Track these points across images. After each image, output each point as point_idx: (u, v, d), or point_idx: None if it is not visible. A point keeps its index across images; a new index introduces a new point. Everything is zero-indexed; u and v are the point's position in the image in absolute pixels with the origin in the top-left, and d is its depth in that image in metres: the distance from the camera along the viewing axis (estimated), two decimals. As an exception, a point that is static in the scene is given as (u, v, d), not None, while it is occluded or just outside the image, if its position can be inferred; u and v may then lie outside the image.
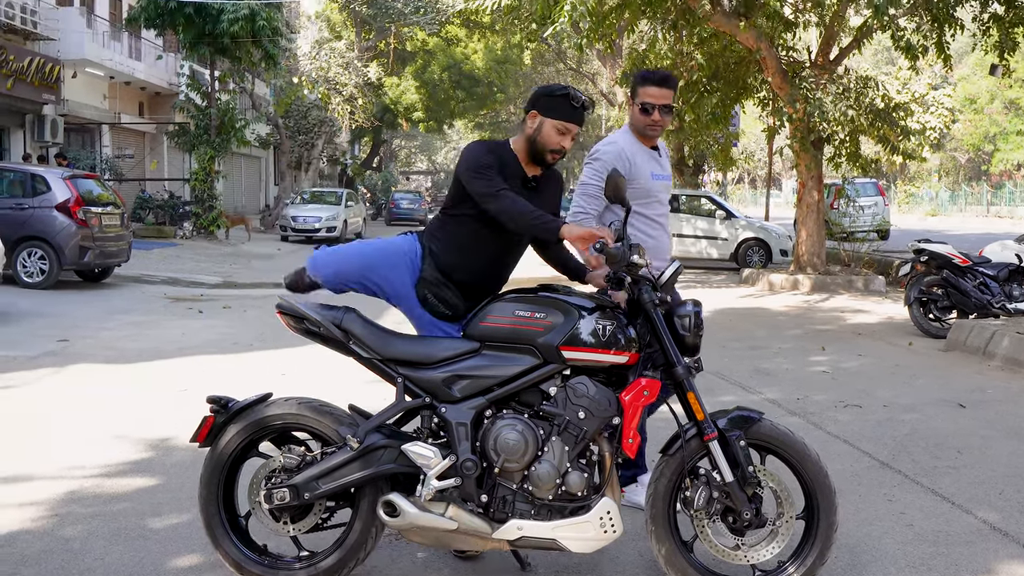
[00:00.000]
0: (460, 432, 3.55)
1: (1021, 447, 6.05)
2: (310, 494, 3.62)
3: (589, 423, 3.49)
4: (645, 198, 4.61)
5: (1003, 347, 9.02)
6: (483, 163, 3.69)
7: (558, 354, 3.52)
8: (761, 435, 3.62)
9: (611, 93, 36.47)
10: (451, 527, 3.52)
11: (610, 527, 3.48)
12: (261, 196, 43.97)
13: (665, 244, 4.79)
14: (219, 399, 3.73)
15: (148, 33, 28.36)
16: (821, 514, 3.63)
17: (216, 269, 18.14)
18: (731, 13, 16.03)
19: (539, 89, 3.90)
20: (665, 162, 4.84)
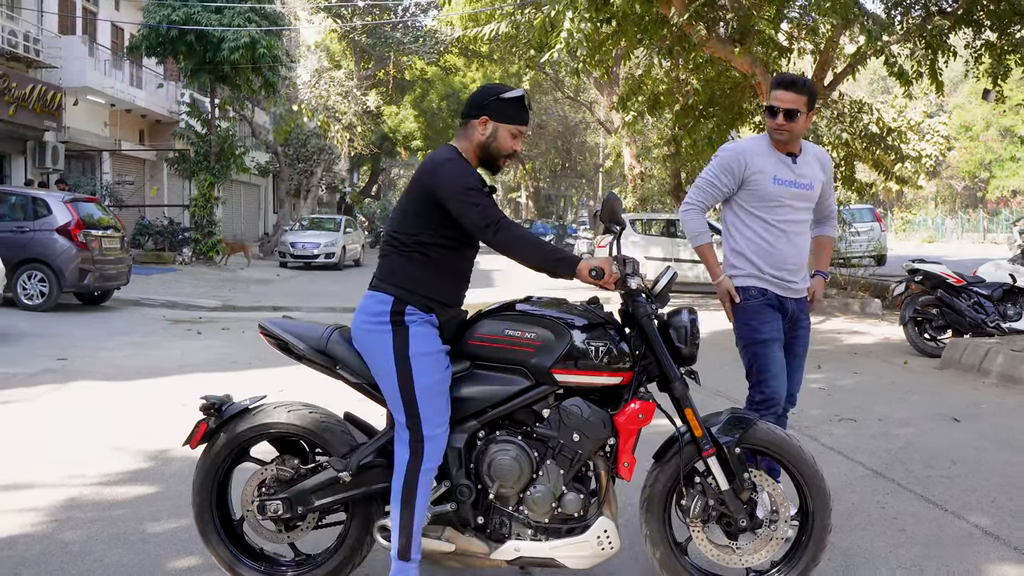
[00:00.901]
0: (454, 457, 3.52)
1: (1014, 458, 6.10)
2: (303, 507, 3.63)
3: (584, 445, 3.48)
4: (765, 201, 4.49)
5: (998, 364, 9.07)
6: (471, 185, 3.41)
7: (550, 376, 3.48)
8: (757, 439, 3.63)
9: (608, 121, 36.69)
10: (448, 549, 3.53)
11: (607, 544, 3.49)
12: (260, 224, 44.08)
13: (787, 253, 4.52)
14: (213, 404, 3.72)
15: (149, 61, 28.58)
16: (815, 516, 3.66)
17: (215, 293, 18.19)
18: (726, 39, 16.18)
19: (486, 93, 3.60)
20: (806, 169, 4.56)
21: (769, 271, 4.49)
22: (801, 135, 4.53)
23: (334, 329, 3.69)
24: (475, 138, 3.56)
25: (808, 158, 4.60)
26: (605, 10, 14.20)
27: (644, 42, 16.98)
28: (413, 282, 3.45)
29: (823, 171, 4.65)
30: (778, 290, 4.51)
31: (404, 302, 3.43)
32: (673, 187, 24.71)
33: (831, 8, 13.73)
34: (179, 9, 23.51)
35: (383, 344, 3.41)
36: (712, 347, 10.79)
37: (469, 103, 3.61)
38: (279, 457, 3.77)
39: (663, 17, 15.45)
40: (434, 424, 3.37)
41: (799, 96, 4.41)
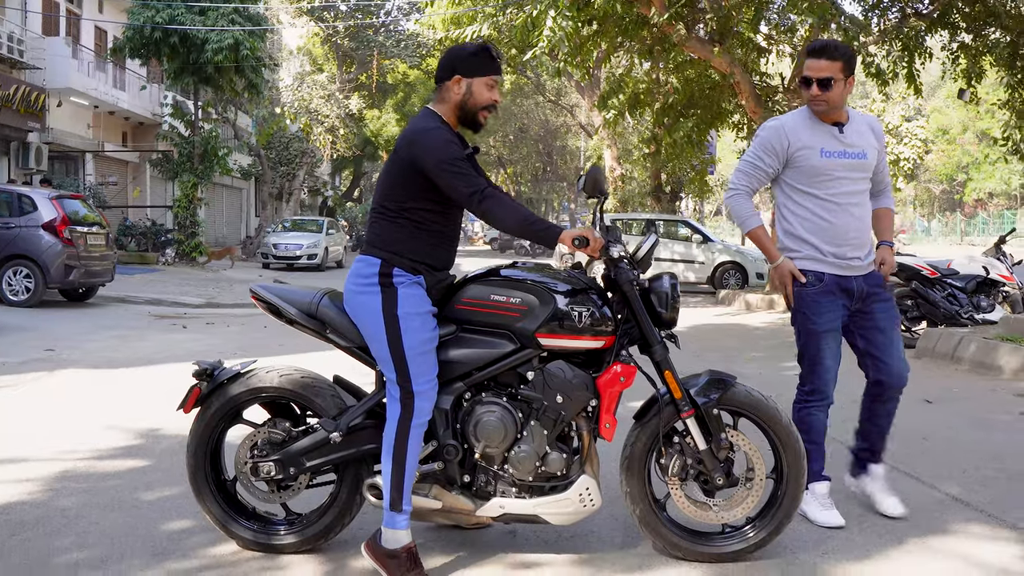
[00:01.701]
0: (441, 418, 3.65)
1: (985, 435, 6.28)
2: (295, 468, 3.75)
3: (567, 407, 3.62)
4: (814, 176, 4.31)
5: (970, 352, 9.27)
6: (454, 154, 3.50)
7: (535, 340, 3.61)
8: (735, 400, 3.78)
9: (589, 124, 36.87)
10: (435, 506, 3.66)
11: (589, 502, 3.63)
12: (243, 227, 44.06)
13: (846, 227, 4.31)
14: (205, 369, 3.83)
15: (132, 63, 28.56)
16: (790, 474, 3.81)
17: (199, 292, 18.24)
18: (706, 40, 16.42)
19: (452, 53, 3.67)
20: (856, 137, 4.34)
21: (829, 249, 4.31)
22: (841, 103, 4.31)
23: (324, 294, 3.81)
24: (452, 99, 3.63)
25: (857, 126, 4.38)
26: (586, 10, 14.40)
27: (625, 43, 17.18)
28: (400, 245, 3.58)
29: (876, 138, 4.42)
30: (839, 271, 4.32)
31: (392, 264, 3.55)
32: (653, 188, 24.93)
33: (808, 8, 13.96)
34: (163, 11, 23.56)
35: (373, 305, 3.54)
36: (688, 339, 11.02)
37: (439, 67, 3.67)
38: (271, 420, 3.89)
39: (643, 17, 15.67)
40: (423, 381, 3.50)
41: (832, 62, 4.22)
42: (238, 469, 3.86)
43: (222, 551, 3.89)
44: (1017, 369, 8.63)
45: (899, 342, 4.43)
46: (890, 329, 4.39)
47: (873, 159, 4.37)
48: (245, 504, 3.99)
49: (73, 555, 3.82)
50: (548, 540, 4.06)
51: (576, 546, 4.00)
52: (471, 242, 68.63)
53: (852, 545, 4.06)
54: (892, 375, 4.37)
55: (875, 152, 4.38)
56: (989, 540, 4.15)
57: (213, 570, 3.68)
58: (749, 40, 16.71)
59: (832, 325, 4.35)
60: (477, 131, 3.76)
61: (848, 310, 4.38)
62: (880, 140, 4.46)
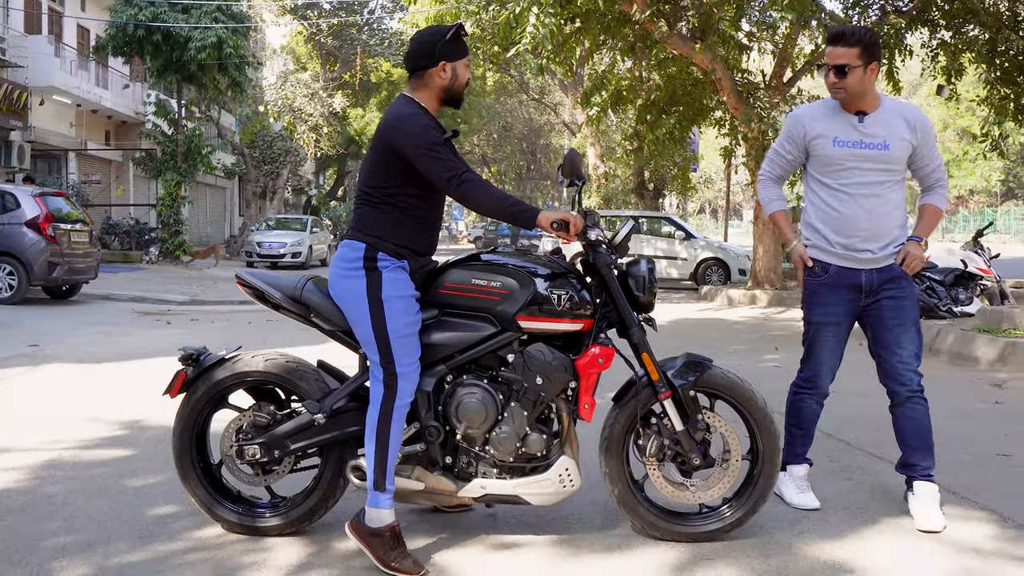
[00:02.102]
0: (423, 400, 3.72)
1: (958, 422, 6.38)
2: (280, 451, 3.81)
3: (546, 388, 3.69)
4: (828, 165, 4.26)
5: (948, 343, 9.39)
6: (434, 140, 3.55)
7: (515, 323, 3.69)
8: (711, 382, 3.87)
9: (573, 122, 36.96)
10: (418, 487, 3.72)
11: (569, 482, 3.70)
12: (226, 226, 43.98)
13: (855, 218, 4.23)
14: (191, 354, 3.89)
15: (115, 62, 28.53)
16: (765, 455, 3.89)
17: (183, 289, 18.25)
18: (687, 37, 16.51)
19: (431, 40, 3.67)
20: (878, 128, 4.20)
21: (837, 240, 4.26)
22: (862, 91, 4.17)
23: (308, 279, 3.87)
24: (437, 84, 3.69)
25: (886, 116, 4.23)
26: (569, 8, 14.47)
27: (607, 40, 17.27)
28: (384, 230, 3.63)
29: (909, 129, 4.22)
30: (846, 263, 4.27)
31: (376, 248, 3.61)
32: (637, 185, 25.04)
33: (788, 5, 14.06)
34: (145, 8, 23.53)
35: (357, 289, 3.60)
36: (668, 334, 11.11)
37: (419, 55, 3.67)
38: (256, 404, 3.94)
39: (625, 15, 15.75)
40: (406, 363, 3.57)
41: (848, 49, 4.12)
42: (223, 452, 3.91)
43: (207, 534, 3.94)
44: (993, 360, 8.75)
45: (906, 342, 4.29)
46: (899, 328, 4.27)
47: (899, 151, 4.21)
48: (230, 488, 4.05)
49: (60, 539, 3.86)
50: (529, 522, 4.13)
51: (556, 528, 4.06)
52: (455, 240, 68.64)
53: (827, 526, 4.14)
54: (888, 376, 4.39)
55: (903, 144, 4.21)
56: (961, 520, 4.24)
57: (198, 552, 3.74)
58: (730, 37, 16.85)
59: (830, 319, 4.34)
60: (459, 108, 3.85)
61: (858, 304, 4.32)
62: (918, 132, 4.24)
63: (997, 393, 7.47)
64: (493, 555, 3.76)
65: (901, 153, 4.21)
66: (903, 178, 4.32)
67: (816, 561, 3.71)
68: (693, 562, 3.68)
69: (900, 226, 4.30)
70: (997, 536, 4.02)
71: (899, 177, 4.28)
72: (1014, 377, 8.18)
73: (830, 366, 4.44)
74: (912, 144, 4.23)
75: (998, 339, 8.90)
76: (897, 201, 4.28)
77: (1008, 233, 48.96)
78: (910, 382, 4.33)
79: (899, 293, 4.27)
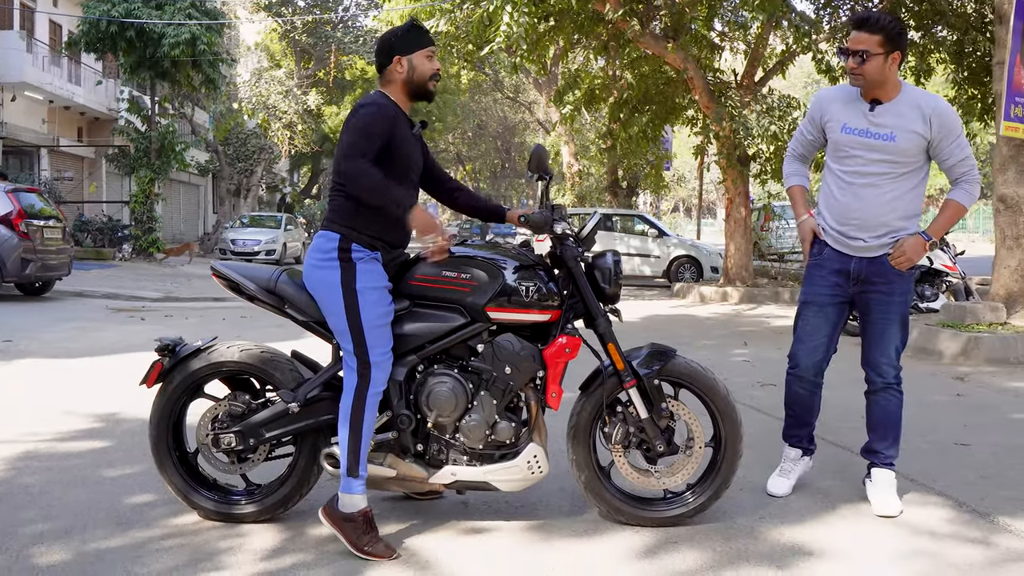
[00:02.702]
0: (395, 389, 3.81)
1: (921, 413, 6.52)
2: (255, 439, 3.90)
3: (515, 377, 3.79)
4: (835, 152, 4.34)
5: (913, 338, 9.56)
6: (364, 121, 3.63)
7: (484, 314, 3.80)
8: (675, 371, 3.98)
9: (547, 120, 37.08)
10: (390, 474, 3.82)
11: (537, 469, 3.81)
12: (200, 224, 43.85)
13: (849, 208, 4.28)
14: (167, 345, 3.97)
15: (88, 58, 28.40)
16: (727, 442, 4.01)
17: (156, 286, 18.24)
18: (660, 36, 16.66)
19: (384, 38, 3.83)
20: (889, 118, 4.18)
21: (832, 224, 4.35)
22: (881, 79, 4.14)
23: (282, 271, 3.96)
24: (398, 79, 3.80)
25: (902, 107, 4.19)
26: (542, 6, 14.58)
27: (580, 39, 17.39)
28: (358, 221, 3.72)
29: (924, 123, 4.15)
30: (839, 247, 4.34)
31: (350, 240, 3.70)
32: (610, 183, 25.19)
33: (760, 6, 14.24)
34: (119, 4, 23.44)
35: (332, 279, 3.69)
36: (640, 329, 11.23)
37: (377, 55, 3.83)
38: (231, 393, 4.02)
39: (599, 14, 15.89)
40: (379, 352, 3.66)
41: (870, 35, 4.09)
42: (199, 441, 3.98)
43: (184, 521, 4.01)
44: (956, 354, 8.94)
45: (889, 337, 4.37)
46: (878, 322, 4.34)
47: (906, 143, 4.17)
48: (206, 476, 4.13)
49: (39, 526, 3.93)
50: (499, 509, 4.24)
51: (526, 514, 4.17)
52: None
53: (788, 511, 4.27)
54: (868, 364, 4.48)
55: (912, 136, 4.16)
56: (919, 505, 4.38)
57: (175, 538, 3.81)
58: (703, 37, 17.00)
59: (815, 299, 4.42)
60: (431, 100, 3.93)
61: (846, 290, 4.36)
62: (934, 126, 4.16)
63: (959, 386, 7.65)
64: (464, 540, 3.86)
65: (909, 145, 4.17)
66: (915, 170, 4.25)
67: (776, 544, 3.83)
68: (658, 546, 3.80)
69: (904, 218, 4.25)
70: (952, 520, 4.16)
71: (906, 169, 4.22)
72: (976, 371, 8.38)
73: (808, 347, 4.49)
74: (925, 138, 4.17)
75: (961, 334, 9.10)
76: (899, 193, 4.23)
77: (977, 232, 49.45)
78: (886, 374, 4.44)
79: (887, 288, 4.29)
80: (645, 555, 3.71)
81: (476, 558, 3.65)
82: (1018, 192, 9.87)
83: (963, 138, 4.26)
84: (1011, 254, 10.04)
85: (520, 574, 3.51)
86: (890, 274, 4.27)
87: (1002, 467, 5.06)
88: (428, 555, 3.66)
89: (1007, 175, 9.96)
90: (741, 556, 3.69)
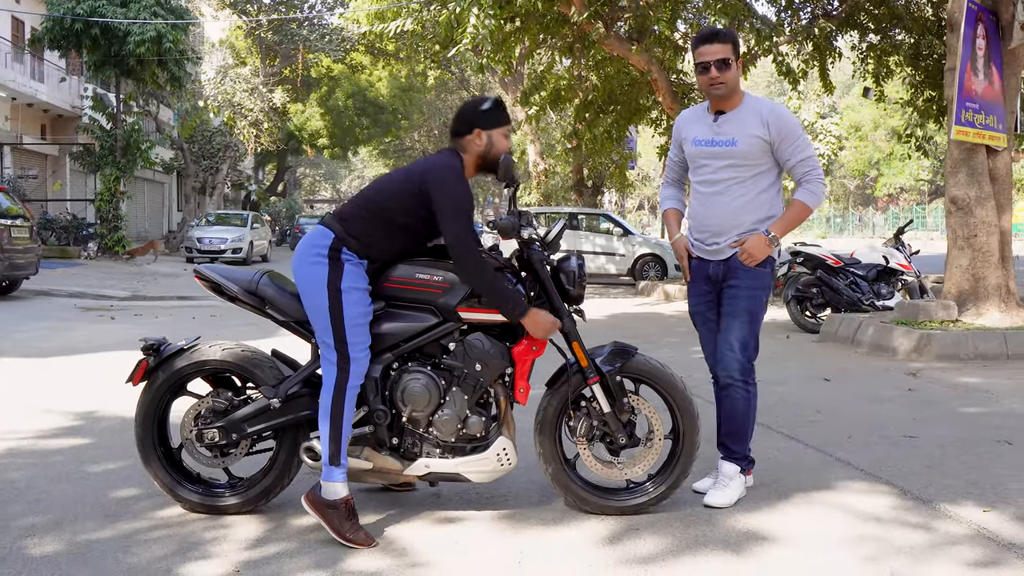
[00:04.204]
0: (371, 385, 4.01)
1: (873, 408, 6.80)
2: (237, 434, 4.08)
3: (485, 374, 4.01)
4: (692, 164, 4.58)
5: (868, 335, 9.89)
6: (467, 207, 3.89)
7: (455, 314, 4.01)
8: (636, 368, 4.21)
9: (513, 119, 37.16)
10: (367, 467, 4.03)
11: (506, 461, 4.03)
12: (164, 221, 43.70)
13: (703, 216, 4.52)
14: (152, 344, 4.14)
15: (51, 55, 28.27)
16: (685, 435, 4.25)
17: (124, 285, 18.28)
18: (624, 38, 16.91)
19: (469, 109, 4.07)
20: (730, 126, 4.41)
21: (694, 235, 4.57)
22: (735, 84, 4.40)
23: (263, 273, 4.16)
24: (474, 151, 4.04)
25: (743, 114, 4.43)
26: (509, 8, 14.77)
27: (546, 40, 17.61)
28: (362, 234, 3.96)
29: (763, 126, 4.38)
30: (701, 254, 4.56)
31: (343, 242, 3.93)
32: (576, 182, 25.42)
33: (722, 9, 14.53)
34: (83, 2, 23.37)
35: (319, 276, 3.90)
36: (605, 327, 11.44)
37: (458, 121, 4.07)
38: (214, 391, 4.21)
39: (564, 16, 16.11)
40: (358, 348, 3.88)
41: (723, 45, 4.35)
42: (184, 437, 4.15)
43: (169, 513, 4.19)
44: (909, 350, 9.25)
45: (733, 330, 4.47)
46: (728, 316, 4.48)
47: (747, 147, 4.38)
48: (190, 470, 4.31)
49: (28, 520, 4.09)
50: (470, 499, 4.45)
51: (496, 504, 4.38)
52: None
53: (743, 500, 4.49)
54: (715, 359, 4.59)
55: (754, 140, 4.37)
56: (867, 494, 4.63)
57: (162, 530, 3.99)
58: (666, 39, 17.25)
59: (696, 310, 4.64)
60: (496, 175, 4.10)
61: (715, 294, 4.56)
62: (772, 129, 4.37)
63: (911, 381, 7.93)
64: (438, 528, 4.06)
65: (750, 149, 4.38)
66: (762, 173, 4.45)
67: (732, 530, 4.07)
68: (622, 532, 4.02)
69: (760, 220, 4.45)
70: (896, 507, 4.41)
71: (751, 173, 4.42)
72: (928, 367, 8.67)
73: (709, 352, 4.68)
74: (765, 140, 4.38)
75: (914, 331, 9.41)
76: (750, 197, 4.43)
77: (936, 230, 50.30)
78: (729, 368, 4.50)
79: (736, 283, 4.45)
80: (609, 541, 3.93)
81: (450, 545, 3.86)
82: (968, 194, 10.20)
83: (803, 140, 4.47)
84: (962, 254, 10.36)
85: (492, 560, 3.72)
86: (739, 271, 4.45)
87: (946, 457, 5.32)
88: (404, 543, 3.87)
89: (958, 177, 10.29)
90: (700, 541, 3.92)
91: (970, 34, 10.05)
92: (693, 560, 3.72)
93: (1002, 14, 10.47)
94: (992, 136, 10.35)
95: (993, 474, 4.96)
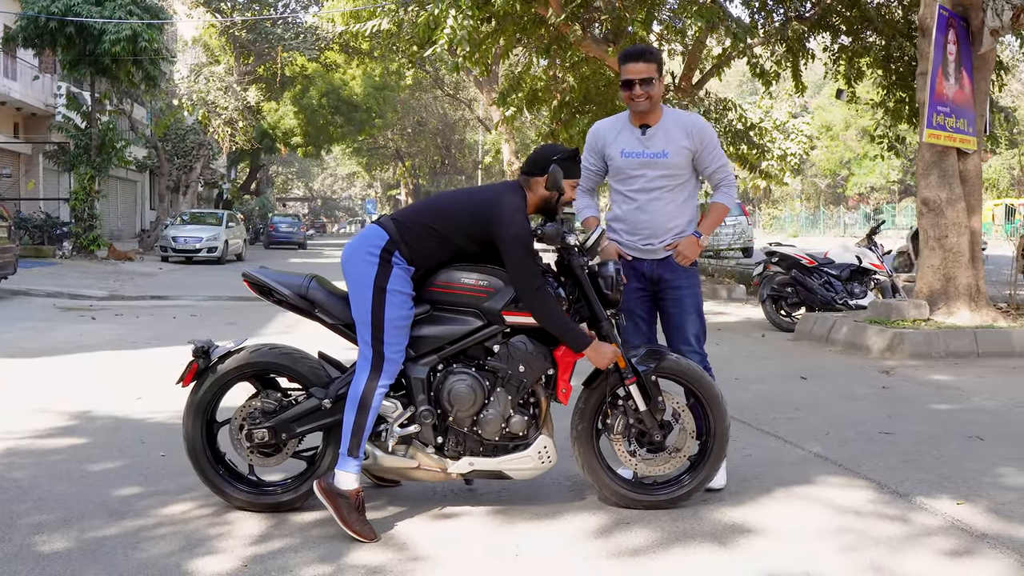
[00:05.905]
0: (417, 386, 4.18)
1: (849, 405, 7.00)
2: (287, 434, 4.22)
3: (528, 375, 4.18)
4: (618, 175, 4.83)
5: (842, 334, 10.11)
6: (531, 243, 4.05)
7: (500, 317, 4.17)
8: (669, 368, 4.41)
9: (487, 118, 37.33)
10: (412, 465, 4.18)
11: (547, 458, 4.22)
12: (137, 220, 43.52)
13: (638, 222, 4.77)
14: (201, 346, 4.24)
15: (25, 53, 28.10)
16: (716, 431, 4.42)
17: (101, 284, 18.27)
18: (600, 39, 17.07)
19: (547, 154, 4.20)
20: (658, 139, 4.70)
21: (625, 237, 4.83)
22: (658, 100, 4.70)
23: (311, 278, 4.30)
24: (540, 193, 4.20)
25: (667, 126, 4.73)
26: (486, 9, 14.89)
27: (523, 41, 17.73)
28: (415, 244, 4.12)
29: (688, 137, 4.71)
30: (634, 253, 4.80)
31: (396, 245, 4.10)
32: (552, 182, 25.56)
33: (698, 12, 14.71)
34: (58, 0, 23.26)
35: (367, 273, 4.07)
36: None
37: (532, 163, 4.23)
38: (263, 391, 4.33)
39: (541, 17, 16.24)
40: (394, 349, 4.06)
41: (648, 64, 4.60)
42: (232, 437, 4.28)
43: (173, 511, 4.31)
44: (883, 348, 9.47)
45: (687, 327, 4.81)
46: (676, 313, 4.82)
47: (678, 158, 4.71)
48: (241, 472, 4.40)
49: (36, 518, 4.20)
50: (465, 496, 4.60)
51: (490, 500, 4.54)
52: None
53: (728, 494, 4.67)
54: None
55: (682, 151, 4.71)
56: (844, 488, 4.81)
57: (168, 526, 4.11)
58: (642, 40, 17.40)
59: (627, 305, 4.75)
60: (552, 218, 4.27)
61: (648, 292, 4.84)
62: (695, 139, 4.73)
63: (884, 379, 8.14)
64: (436, 523, 4.21)
65: (681, 159, 4.72)
66: (687, 181, 4.81)
67: (718, 523, 4.24)
68: (613, 526, 4.19)
69: (688, 223, 4.82)
70: (874, 500, 4.60)
71: (680, 181, 4.77)
72: (900, 364, 8.90)
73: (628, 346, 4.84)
74: (691, 150, 4.74)
75: (887, 330, 9.63)
76: (679, 202, 4.79)
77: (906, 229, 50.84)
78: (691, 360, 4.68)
79: (678, 283, 4.79)
80: (601, 534, 4.09)
81: (449, 540, 4.01)
82: (940, 196, 10.43)
83: (719, 149, 4.89)
84: (933, 254, 10.60)
85: (490, 553, 3.87)
86: (678, 271, 4.78)
87: (921, 452, 5.51)
88: (405, 538, 4.01)
89: (930, 179, 10.52)
90: (687, 534, 4.09)
91: (941, 39, 10.29)
92: (682, 552, 3.89)
93: (972, 20, 10.73)
94: (963, 139, 10.60)
95: (966, 468, 5.16)
